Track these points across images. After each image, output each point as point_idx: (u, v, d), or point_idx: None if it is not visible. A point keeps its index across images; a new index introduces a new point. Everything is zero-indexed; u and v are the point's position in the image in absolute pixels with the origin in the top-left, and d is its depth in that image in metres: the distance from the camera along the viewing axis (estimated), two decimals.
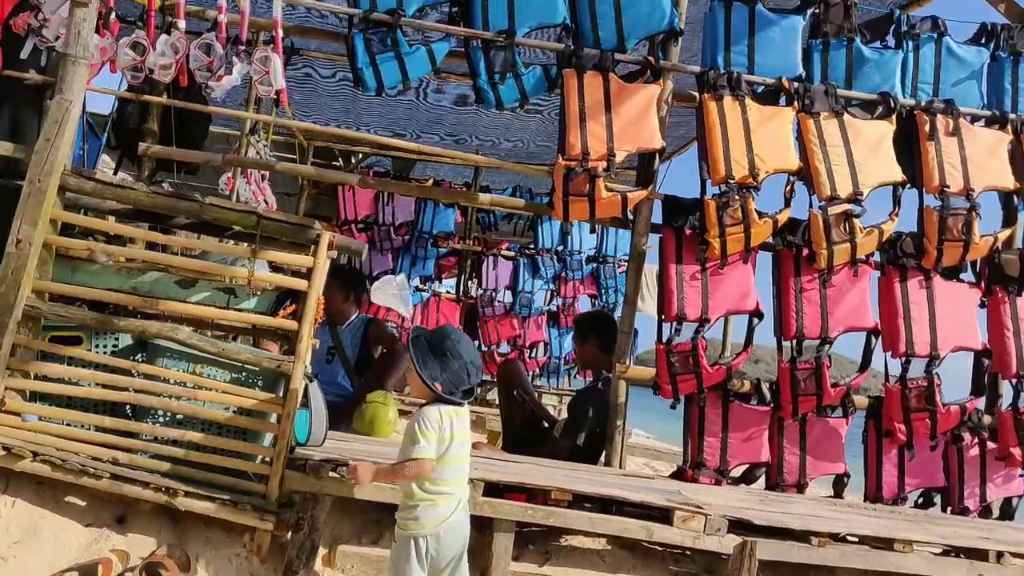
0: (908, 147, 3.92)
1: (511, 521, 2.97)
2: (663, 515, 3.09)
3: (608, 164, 3.67)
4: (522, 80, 3.91)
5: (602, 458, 4.02)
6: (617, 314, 7.90)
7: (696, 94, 3.89)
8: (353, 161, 8.78)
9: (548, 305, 8.48)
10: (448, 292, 8.44)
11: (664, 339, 3.78)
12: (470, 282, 8.36)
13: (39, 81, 3.94)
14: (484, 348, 8.23)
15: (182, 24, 3.75)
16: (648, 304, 7.48)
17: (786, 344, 3.89)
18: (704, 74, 3.81)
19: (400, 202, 7.79)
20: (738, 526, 3.07)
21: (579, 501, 3.12)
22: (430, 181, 8.47)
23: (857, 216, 3.74)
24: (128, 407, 2.90)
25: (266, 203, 5.86)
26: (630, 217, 3.95)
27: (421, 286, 8.02)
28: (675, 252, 3.82)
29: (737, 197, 3.64)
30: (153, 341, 2.92)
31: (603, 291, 8.20)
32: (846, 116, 3.84)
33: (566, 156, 3.68)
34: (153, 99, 4.18)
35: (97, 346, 2.96)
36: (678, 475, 3.92)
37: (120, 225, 3.20)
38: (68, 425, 2.82)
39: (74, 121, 2.92)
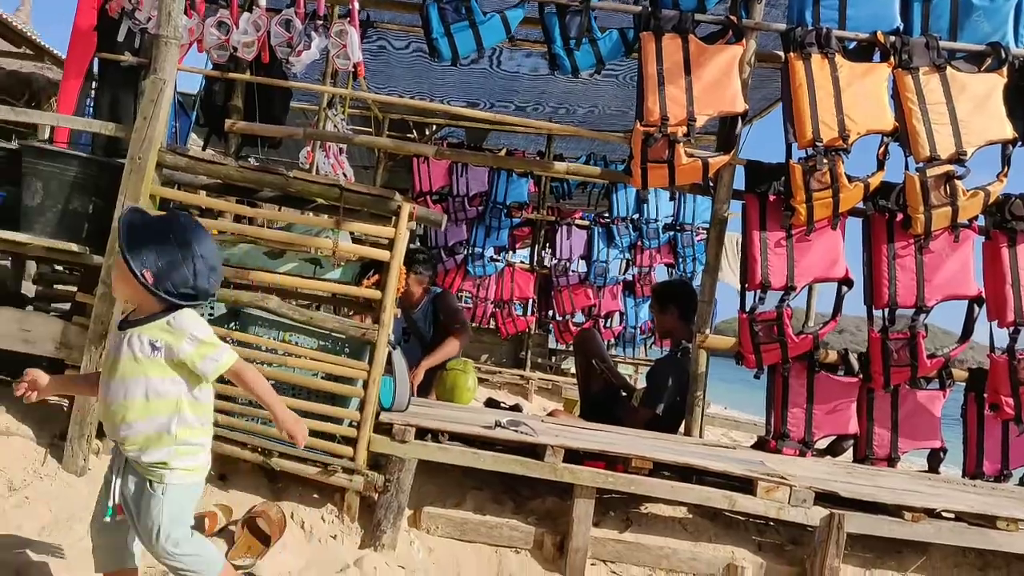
0: (1021, 101, 3.68)
1: (591, 487, 2.99)
2: (745, 485, 3.06)
3: (688, 129, 3.58)
4: (598, 45, 3.85)
5: (681, 428, 4.00)
6: (696, 283, 7.83)
7: (781, 53, 3.74)
8: (427, 132, 8.85)
9: (623, 274, 8.42)
10: (522, 262, 8.48)
11: (747, 308, 3.71)
12: (544, 252, 8.36)
13: (134, 62, 4.13)
14: (559, 318, 8.26)
15: (263, 1, 3.85)
16: (727, 273, 7.33)
17: (877, 313, 3.76)
18: (790, 32, 3.66)
19: (474, 173, 7.83)
20: (825, 498, 3.01)
21: (659, 469, 3.12)
22: (503, 150, 8.47)
23: (960, 178, 3.53)
24: None
25: (344, 176, 5.98)
26: (711, 184, 3.86)
27: (495, 256, 8.07)
28: (759, 219, 3.72)
29: (825, 160, 3.51)
30: (245, 310, 3.04)
31: (680, 259, 8.09)
32: (949, 70, 3.60)
33: (644, 122, 3.61)
34: (238, 76, 4.30)
35: None
36: (760, 446, 3.86)
37: (212, 199, 3.33)
38: None
39: (168, 100, 3.02)
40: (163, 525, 2.00)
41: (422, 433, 3.03)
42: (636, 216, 8.00)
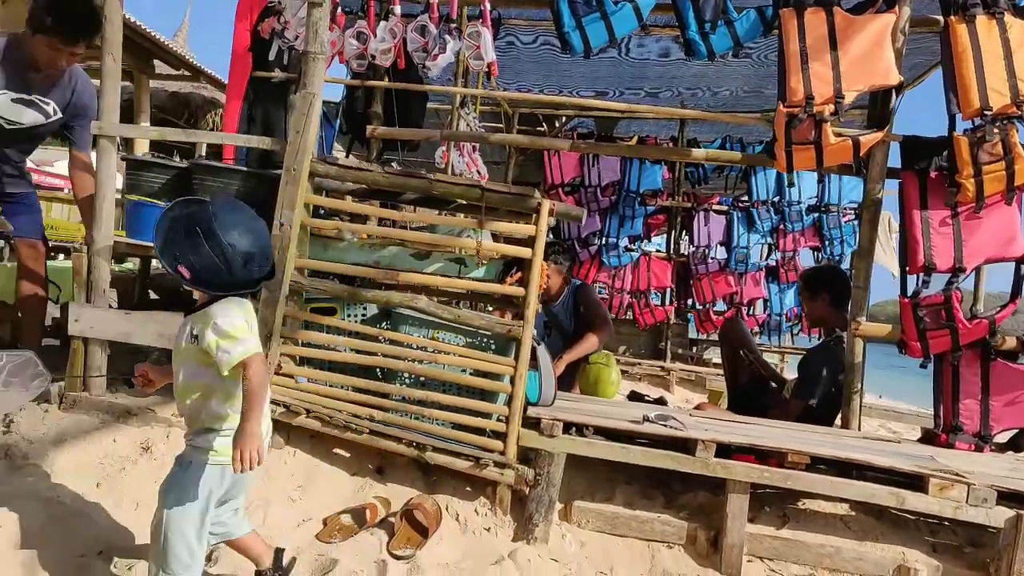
0: None
1: (745, 483, 2.91)
2: (914, 482, 2.88)
3: (836, 107, 3.39)
4: (734, 26, 3.72)
5: (836, 420, 3.81)
6: (844, 266, 7.41)
7: (939, 17, 3.46)
8: (557, 124, 8.86)
9: (766, 260, 8.09)
10: (658, 251, 8.31)
11: (910, 292, 3.47)
12: (681, 239, 8.17)
13: (283, 78, 4.39)
14: (699, 307, 8.05)
15: (398, 9, 3.98)
16: (878, 254, 6.88)
17: None
18: None
19: (606, 162, 7.75)
20: (1009, 498, 2.78)
21: (815, 464, 2.98)
22: (634, 138, 8.34)
23: None
24: (379, 370, 3.18)
25: (479, 173, 6.10)
26: (862, 163, 3.63)
27: (630, 246, 7.96)
28: (919, 198, 3.46)
29: (996, 130, 3.22)
30: (396, 310, 3.16)
31: (827, 242, 7.67)
32: None
33: (787, 103, 3.45)
34: (377, 84, 4.47)
35: (349, 315, 3.26)
36: (927, 439, 3.61)
37: (361, 205, 3.49)
38: (332, 386, 3.14)
39: (317, 112, 3.18)
40: (170, 497, 2.08)
41: (568, 427, 3.05)
42: (777, 199, 7.66)
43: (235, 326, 2.02)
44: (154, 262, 4.24)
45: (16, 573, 2.18)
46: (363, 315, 3.27)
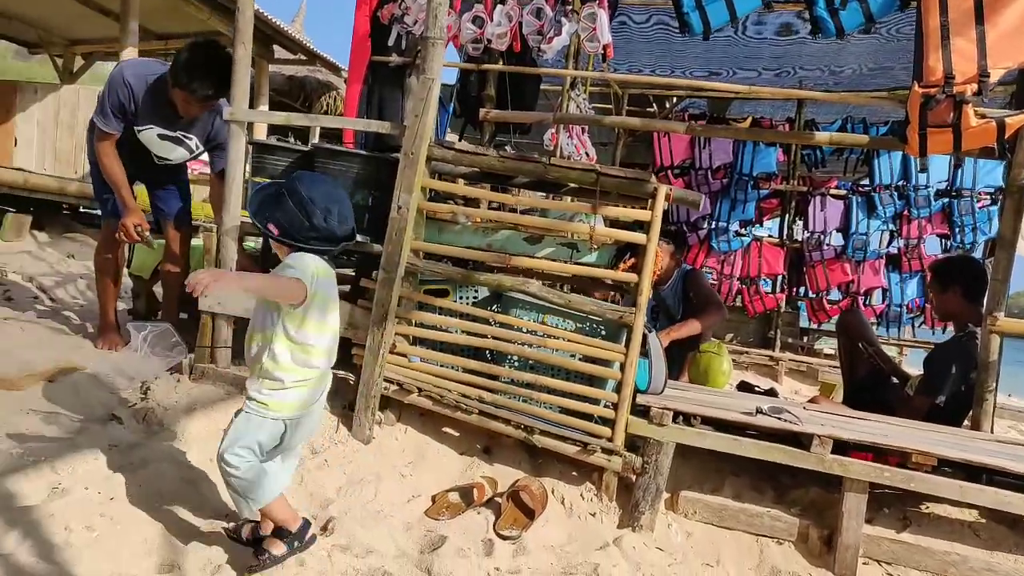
0: None
1: (864, 482, 2.80)
2: None
3: (980, 87, 3.15)
4: (867, 1, 3.51)
5: (966, 421, 3.59)
6: (976, 255, 6.94)
7: None
8: (667, 105, 8.67)
9: (887, 247, 7.66)
10: (770, 236, 8.00)
11: None
12: (795, 225, 7.85)
13: (400, 62, 4.48)
14: (811, 295, 7.74)
15: None
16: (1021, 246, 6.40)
17: None
18: None
19: (718, 143, 7.52)
20: None
21: (941, 466, 2.83)
22: (747, 120, 8.05)
23: None
24: (488, 352, 3.23)
25: (587, 155, 6.05)
26: (1006, 147, 3.38)
27: (741, 231, 7.72)
28: None
29: None
30: (507, 293, 3.20)
31: (957, 230, 7.18)
32: None
33: (924, 82, 3.23)
34: (492, 67, 4.49)
35: (461, 298, 3.32)
36: None
37: (473, 188, 3.53)
38: (443, 367, 3.22)
39: (435, 97, 3.22)
40: (227, 439, 2.22)
41: (677, 416, 3.01)
42: (903, 183, 7.22)
43: (303, 263, 2.21)
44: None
45: (153, 530, 2.36)
46: (475, 297, 3.33)
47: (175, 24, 9.20)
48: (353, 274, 3.84)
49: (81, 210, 7.95)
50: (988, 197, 7.06)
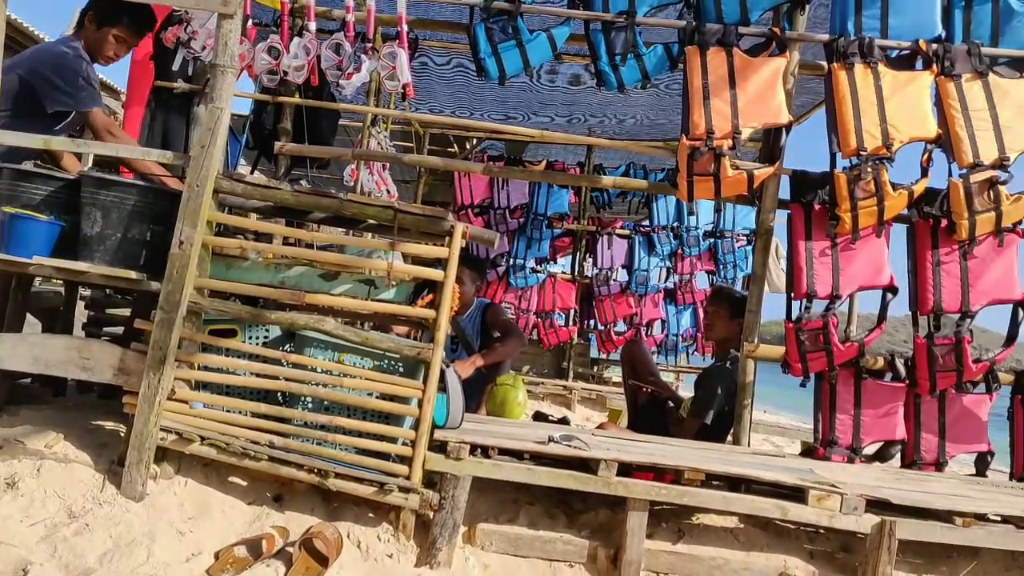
0: None
1: (644, 500, 3.01)
2: (796, 494, 3.07)
3: (733, 142, 3.59)
4: (643, 60, 3.87)
5: (729, 437, 4.00)
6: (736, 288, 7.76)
7: (824, 63, 3.74)
8: (467, 146, 8.95)
9: (664, 282, 8.40)
10: (563, 272, 8.51)
11: (793, 317, 3.71)
12: (585, 262, 8.39)
13: (186, 89, 4.27)
14: (600, 327, 8.27)
15: (312, 26, 3.95)
16: (769, 281, 7.28)
17: (922, 319, 3.76)
18: (833, 42, 3.65)
19: (515, 185, 7.90)
20: (876, 505, 3.02)
21: (709, 480, 3.13)
22: (542, 163, 8.52)
23: (1003, 183, 3.55)
24: (280, 394, 3.11)
25: (388, 192, 6.08)
26: (756, 195, 3.86)
27: (536, 267, 8.12)
28: (804, 228, 3.73)
29: (870, 169, 3.50)
30: (301, 332, 3.11)
31: (721, 266, 8.06)
32: (991, 76, 3.61)
33: (690, 136, 3.63)
34: (288, 100, 4.41)
35: (250, 337, 3.16)
36: (808, 453, 3.86)
37: (266, 223, 3.43)
38: (229, 412, 3.04)
39: (225, 127, 3.08)
40: None
41: (474, 449, 3.08)
42: (676, 224, 8.01)
43: None
44: (37, 279, 3.98)
45: None
46: (266, 337, 3.20)
47: None
48: (128, 315, 3.53)
49: None
50: (745, 238, 8.01)
